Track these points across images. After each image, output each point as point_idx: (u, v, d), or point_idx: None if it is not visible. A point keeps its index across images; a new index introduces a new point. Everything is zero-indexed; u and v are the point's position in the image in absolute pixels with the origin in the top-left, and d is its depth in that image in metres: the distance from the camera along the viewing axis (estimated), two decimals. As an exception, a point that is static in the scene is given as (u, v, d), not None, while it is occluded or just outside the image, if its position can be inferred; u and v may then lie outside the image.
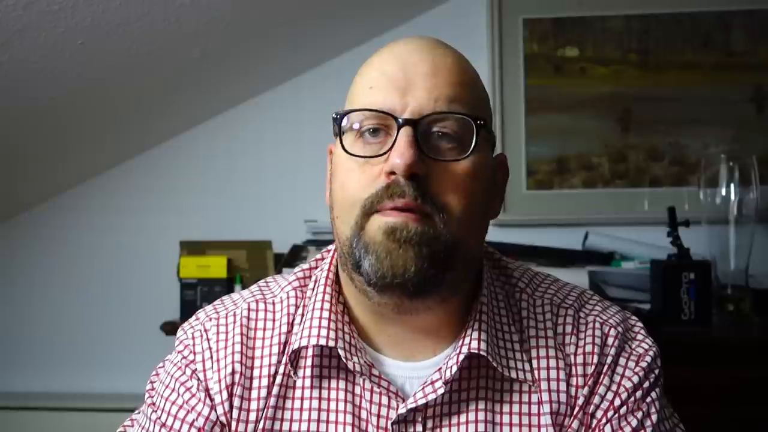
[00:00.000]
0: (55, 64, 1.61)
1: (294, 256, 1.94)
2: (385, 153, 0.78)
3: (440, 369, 0.82)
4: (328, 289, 0.87)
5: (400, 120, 0.78)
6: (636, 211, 2.11)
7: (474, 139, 0.80)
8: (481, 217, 0.83)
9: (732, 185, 1.82)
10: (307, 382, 0.84)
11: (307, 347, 0.83)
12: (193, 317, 0.92)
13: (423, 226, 0.77)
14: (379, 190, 0.78)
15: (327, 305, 0.85)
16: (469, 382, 0.84)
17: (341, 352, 0.82)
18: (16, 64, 1.55)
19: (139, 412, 0.95)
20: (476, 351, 0.81)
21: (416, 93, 0.79)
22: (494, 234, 0.87)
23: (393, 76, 0.80)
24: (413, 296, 0.78)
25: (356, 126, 0.81)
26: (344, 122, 0.82)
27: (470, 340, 0.82)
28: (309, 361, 0.84)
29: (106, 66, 1.72)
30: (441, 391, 0.81)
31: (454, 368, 0.81)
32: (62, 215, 2.25)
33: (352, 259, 0.80)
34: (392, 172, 0.77)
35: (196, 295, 1.92)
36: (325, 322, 0.84)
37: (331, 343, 0.82)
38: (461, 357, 0.81)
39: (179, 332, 0.91)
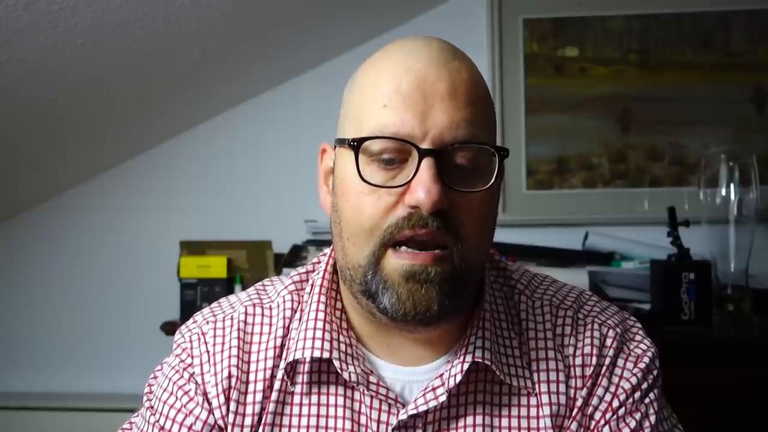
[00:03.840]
0: (55, 64, 1.61)
1: (294, 256, 1.94)
2: (405, 184, 0.76)
3: (442, 375, 0.82)
4: (323, 298, 0.86)
5: (422, 149, 0.75)
6: (636, 211, 2.11)
7: (496, 169, 0.78)
8: (491, 235, 0.83)
9: (732, 185, 1.82)
10: (306, 389, 0.84)
11: (303, 358, 0.83)
12: (191, 320, 0.91)
13: (441, 266, 0.76)
14: (400, 220, 0.76)
15: (321, 315, 0.84)
16: (467, 386, 0.83)
17: (336, 363, 0.81)
18: (16, 64, 1.55)
19: (137, 415, 0.94)
20: (480, 360, 0.81)
21: (436, 118, 0.75)
22: (494, 234, 0.87)
23: (409, 95, 0.76)
24: (426, 326, 0.78)
25: (371, 149, 0.77)
26: (360, 149, 0.77)
27: (474, 348, 0.82)
28: (307, 368, 0.83)
29: (106, 66, 1.72)
30: (442, 398, 0.81)
31: (459, 377, 0.80)
32: (62, 215, 2.25)
33: (364, 286, 0.78)
34: (416, 205, 0.75)
35: (196, 295, 1.92)
36: (319, 333, 0.83)
37: (326, 355, 0.82)
38: (465, 366, 0.81)
39: (177, 335, 0.90)
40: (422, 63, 0.78)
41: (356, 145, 0.77)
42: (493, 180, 0.78)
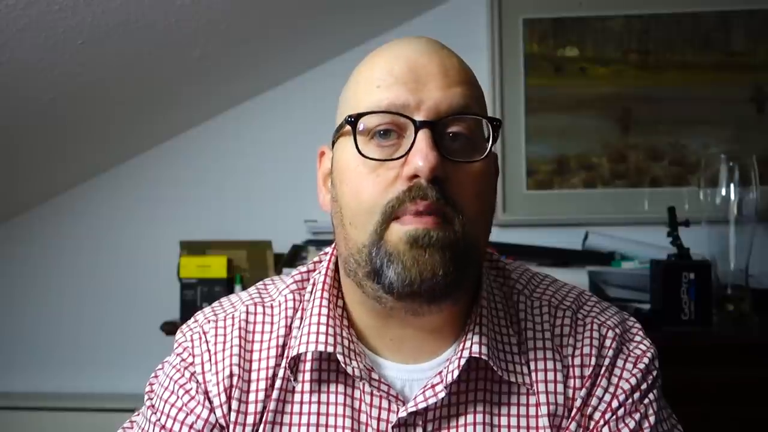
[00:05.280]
0: (55, 64, 1.61)
1: (294, 256, 1.94)
2: (402, 156, 0.77)
3: (441, 372, 0.82)
4: (326, 294, 0.86)
5: (417, 121, 0.77)
6: (636, 211, 2.11)
7: (490, 140, 0.80)
8: (490, 215, 0.84)
9: (732, 185, 1.82)
10: (307, 387, 0.84)
11: (306, 353, 0.83)
12: (192, 320, 0.91)
13: (443, 231, 0.76)
14: (401, 194, 0.77)
15: (325, 310, 0.85)
16: (467, 384, 0.83)
17: (340, 358, 0.82)
18: (16, 64, 1.55)
19: (138, 414, 0.95)
20: (477, 355, 0.81)
21: (430, 93, 0.78)
22: (494, 234, 0.87)
23: (402, 76, 0.79)
24: (432, 300, 0.78)
25: (367, 126, 0.79)
26: (357, 125, 0.79)
27: (471, 344, 0.82)
28: (308, 366, 0.84)
29: (106, 66, 1.72)
30: (442, 395, 0.81)
31: (456, 372, 0.81)
32: (62, 215, 2.25)
33: (368, 266, 0.78)
34: (414, 176, 0.76)
35: (196, 295, 1.92)
36: (323, 328, 0.83)
37: (330, 349, 0.82)
38: (462, 362, 0.81)
39: (178, 335, 0.91)
40: (412, 50, 0.81)
41: (353, 121, 0.79)
42: (488, 150, 0.80)
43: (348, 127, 0.80)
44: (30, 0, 1.37)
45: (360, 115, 0.79)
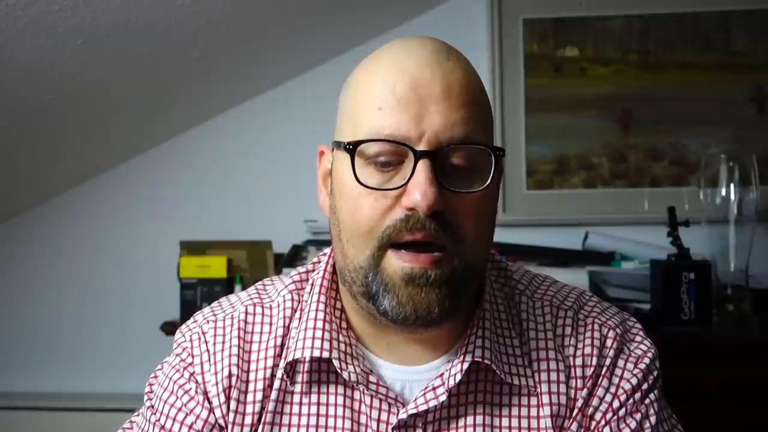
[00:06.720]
0: (55, 64, 1.61)
1: (294, 256, 1.94)
2: (401, 186, 0.76)
3: (442, 375, 0.82)
4: (323, 298, 0.86)
5: (418, 151, 0.75)
6: (636, 211, 2.11)
7: (492, 169, 0.78)
8: (491, 234, 0.83)
9: (732, 185, 1.82)
10: (305, 388, 0.84)
11: (302, 358, 0.83)
12: (191, 320, 0.91)
13: (441, 268, 0.76)
14: (398, 222, 0.76)
15: (321, 314, 0.85)
16: (468, 386, 0.83)
17: (336, 363, 0.81)
18: (16, 64, 1.55)
19: (138, 415, 0.95)
20: (480, 360, 0.81)
21: (431, 119, 0.75)
22: (494, 234, 0.87)
23: (404, 97, 0.76)
24: (428, 327, 0.78)
25: (366, 153, 0.77)
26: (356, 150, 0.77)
27: (474, 348, 0.82)
28: (306, 368, 0.83)
29: (106, 66, 1.72)
30: (443, 398, 0.81)
31: (458, 377, 0.80)
32: (62, 215, 2.25)
33: (364, 288, 0.78)
34: (413, 207, 0.75)
35: (196, 295, 1.92)
36: (319, 333, 0.83)
37: (326, 354, 0.82)
38: (465, 366, 0.81)
39: (177, 335, 0.90)
40: (416, 64, 0.78)
41: (352, 149, 0.77)
42: (489, 180, 0.78)
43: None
44: (30, 0, 1.37)
45: (359, 143, 0.77)
